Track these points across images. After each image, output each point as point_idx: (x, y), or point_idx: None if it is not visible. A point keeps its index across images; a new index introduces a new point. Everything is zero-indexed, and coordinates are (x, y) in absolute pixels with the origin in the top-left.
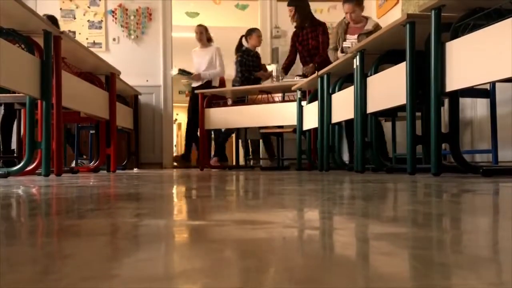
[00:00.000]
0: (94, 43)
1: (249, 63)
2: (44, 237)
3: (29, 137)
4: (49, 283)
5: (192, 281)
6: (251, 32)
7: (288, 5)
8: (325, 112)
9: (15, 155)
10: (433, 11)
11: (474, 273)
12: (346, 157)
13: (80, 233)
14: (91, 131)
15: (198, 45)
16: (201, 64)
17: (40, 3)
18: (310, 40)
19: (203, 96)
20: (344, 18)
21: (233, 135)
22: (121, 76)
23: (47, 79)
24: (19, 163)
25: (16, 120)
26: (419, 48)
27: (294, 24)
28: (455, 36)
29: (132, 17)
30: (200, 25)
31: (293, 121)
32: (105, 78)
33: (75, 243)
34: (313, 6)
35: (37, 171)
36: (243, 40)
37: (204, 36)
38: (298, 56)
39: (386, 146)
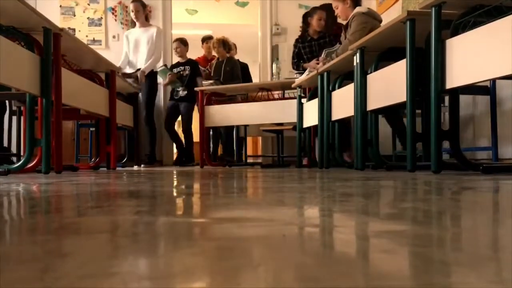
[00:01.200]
0: (94, 41)
1: (302, 51)
2: (44, 235)
3: (29, 134)
4: (49, 281)
5: (192, 279)
6: (312, 13)
7: (320, 9)
8: (325, 109)
9: (7, 152)
10: (433, 8)
11: (474, 271)
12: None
13: (80, 231)
14: (90, 129)
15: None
16: (138, 43)
17: (40, 1)
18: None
19: (203, 93)
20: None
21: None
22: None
23: (47, 77)
24: (18, 160)
25: (15, 118)
26: (419, 46)
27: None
28: (455, 33)
29: (132, 14)
30: (135, 2)
31: (293, 119)
32: (105, 76)
33: (75, 241)
34: (310, 3)
35: (37, 169)
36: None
37: (141, 14)
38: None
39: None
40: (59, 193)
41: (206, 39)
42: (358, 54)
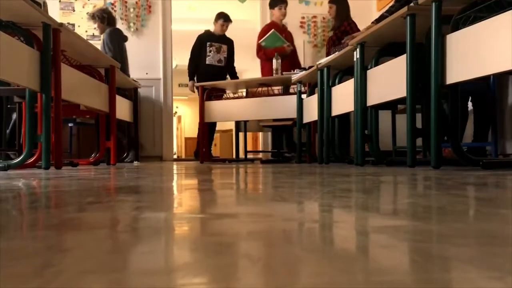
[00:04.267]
0: (93, 36)
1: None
2: (44, 230)
3: (29, 130)
4: (49, 276)
5: (192, 274)
6: None
7: (329, 2)
8: (325, 105)
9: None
10: (433, 4)
11: (474, 266)
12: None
13: (80, 226)
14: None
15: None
16: None
17: None
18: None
19: (203, 89)
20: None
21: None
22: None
23: (47, 72)
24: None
25: (16, 114)
26: (419, 41)
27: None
28: (455, 28)
29: (131, 10)
30: None
31: (293, 114)
32: (105, 71)
33: (75, 236)
34: None
35: (37, 164)
36: None
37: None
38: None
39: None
40: (59, 188)
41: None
42: (358, 49)
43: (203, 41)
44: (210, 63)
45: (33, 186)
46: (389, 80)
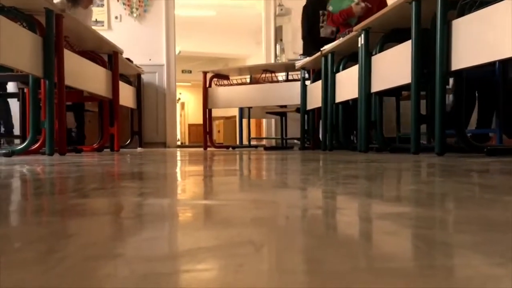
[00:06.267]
0: (96, 21)
1: None
2: (48, 216)
3: (32, 116)
4: (53, 262)
5: (196, 260)
6: None
7: None
8: (329, 91)
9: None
10: None
11: (477, 253)
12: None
13: (84, 213)
14: None
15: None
16: None
17: None
18: None
19: (206, 75)
20: None
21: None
22: (124, 55)
23: (50, 58)
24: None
25: (20, 101)
26: (425, 27)
27: None
28: (461, 14)
29: None
30: None
31: (297, 101)
32: (108, 57)
33: (79, 222)
34: None
35: (41, 150)
36: None
37: None
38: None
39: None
40: (63, 174)
41: None
42: (363, 35)
43: (316, 8)
44: (324, 36)
45: (37, 172)
46: (394, 66)
